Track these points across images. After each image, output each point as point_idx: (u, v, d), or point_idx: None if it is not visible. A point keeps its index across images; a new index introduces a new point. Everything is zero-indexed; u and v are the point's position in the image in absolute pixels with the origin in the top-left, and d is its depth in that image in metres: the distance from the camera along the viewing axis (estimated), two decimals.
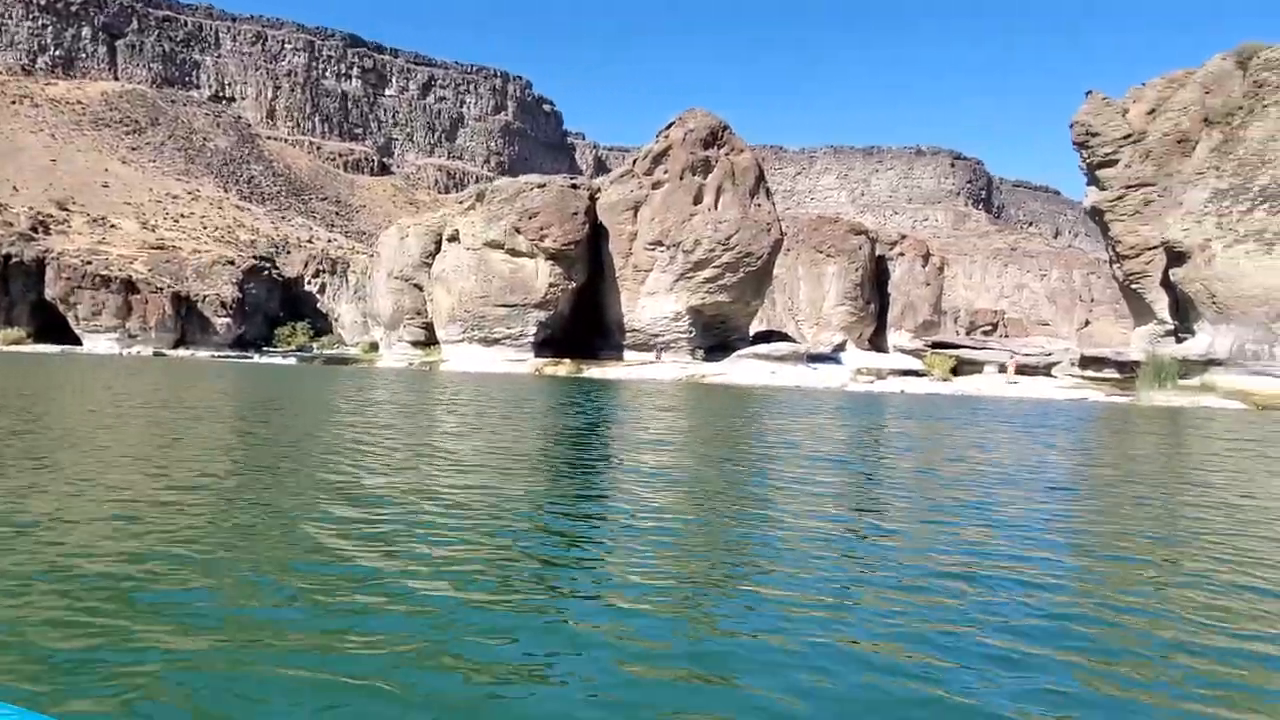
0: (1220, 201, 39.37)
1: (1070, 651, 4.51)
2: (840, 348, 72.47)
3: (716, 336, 56.99)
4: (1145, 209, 42.81)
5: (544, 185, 55.74)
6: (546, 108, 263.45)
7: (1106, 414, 29.00)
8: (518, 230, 54.28)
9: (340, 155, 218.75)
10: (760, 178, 56.83)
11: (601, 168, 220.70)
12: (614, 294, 56.95)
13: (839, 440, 16.38)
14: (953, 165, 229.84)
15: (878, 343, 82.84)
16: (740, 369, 49.66)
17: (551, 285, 54.61)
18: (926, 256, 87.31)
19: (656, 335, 55.75)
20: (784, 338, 64.01)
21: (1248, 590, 5.78)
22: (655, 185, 55.30)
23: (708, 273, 53.86)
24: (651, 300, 55.49)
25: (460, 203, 61.28)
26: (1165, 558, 6.80)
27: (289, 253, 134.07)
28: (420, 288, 61.64)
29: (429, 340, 61.19)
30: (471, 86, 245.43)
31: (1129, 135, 43.22)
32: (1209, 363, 38.66)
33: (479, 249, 55.72)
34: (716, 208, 54.13)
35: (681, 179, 54.17)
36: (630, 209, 55.87)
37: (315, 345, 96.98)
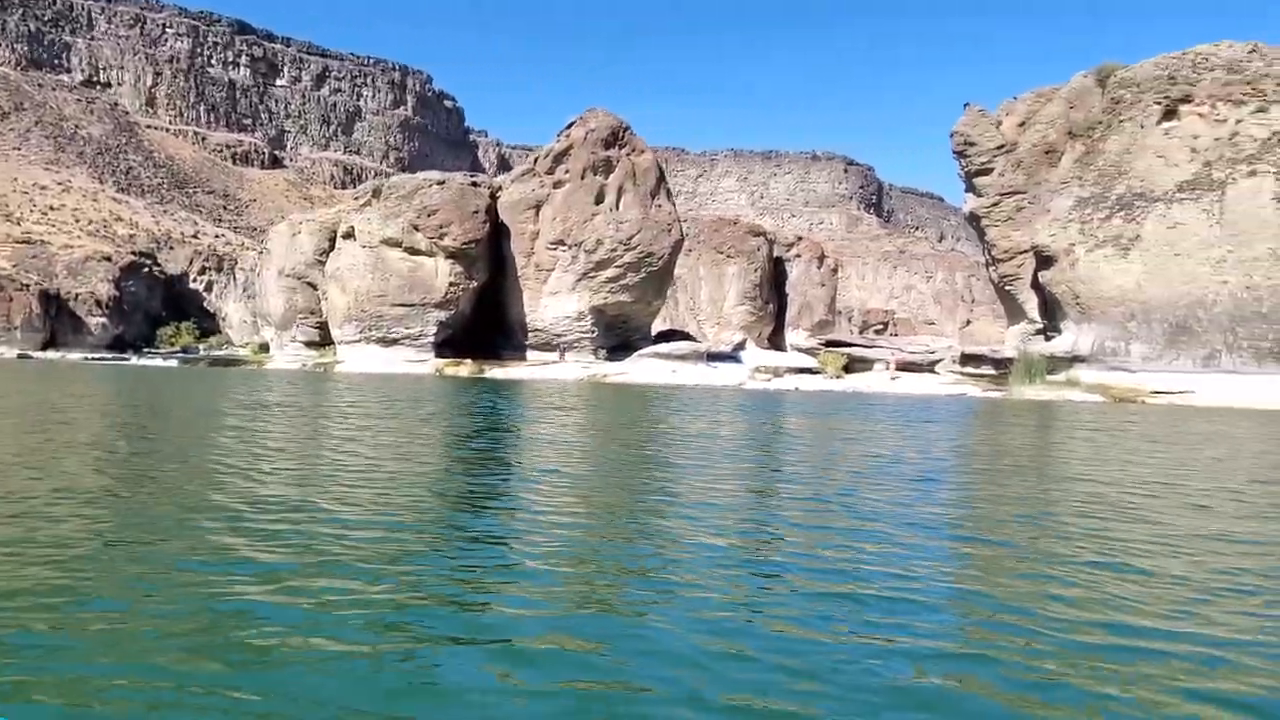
0: (1083, 209, 42.40)
1: (948, 624, 4.94)
2: (740, 346, 74.19)
3: (619, 336, 57.42)
4: (1017, 215, 45.64)
5: (443, 182, 54.86)
6: (448, 104, 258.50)
7: (981, 408, 30.88)
8: (416, 228, 53.23)
9: (228, 147, 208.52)
10: (661, 178, 57.59)
11: (505, 166, 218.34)
12: (516, 293, 56.60)
13: (726, 437, 16.93)
14: (845, 171, 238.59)
15: (776, 341, 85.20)
16: (641, 368, 50.23)
17: (452, 284, 53.81)
18: (822, 258, 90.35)
19: (559, 335, 55.73)
20: (686, 337, 65.06)
21: (1104, 568, 6.38)
22: (557, 184, 55.27)
23: (610, 272, 54.21)
24: (554, 300, 55.43)
25: (356, 199, 59.64)
26: (1030, 537, 7.44)
27: (172, 249, 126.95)
28: (314, 286, 59.60)
29: (324, 341, 59.25)
30: (368, 79, 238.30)
31: (1002, 146, 46.00)
32: (1073, 359, 41.56)
33: (376, 247, 54.34)
34: (618, 208, 54.55)
35: (583, 178, 54.33)
36: (532, 208, 55.65)
37: (201, 346, 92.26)
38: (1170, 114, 41.15)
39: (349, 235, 56.01)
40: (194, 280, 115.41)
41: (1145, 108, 41.85)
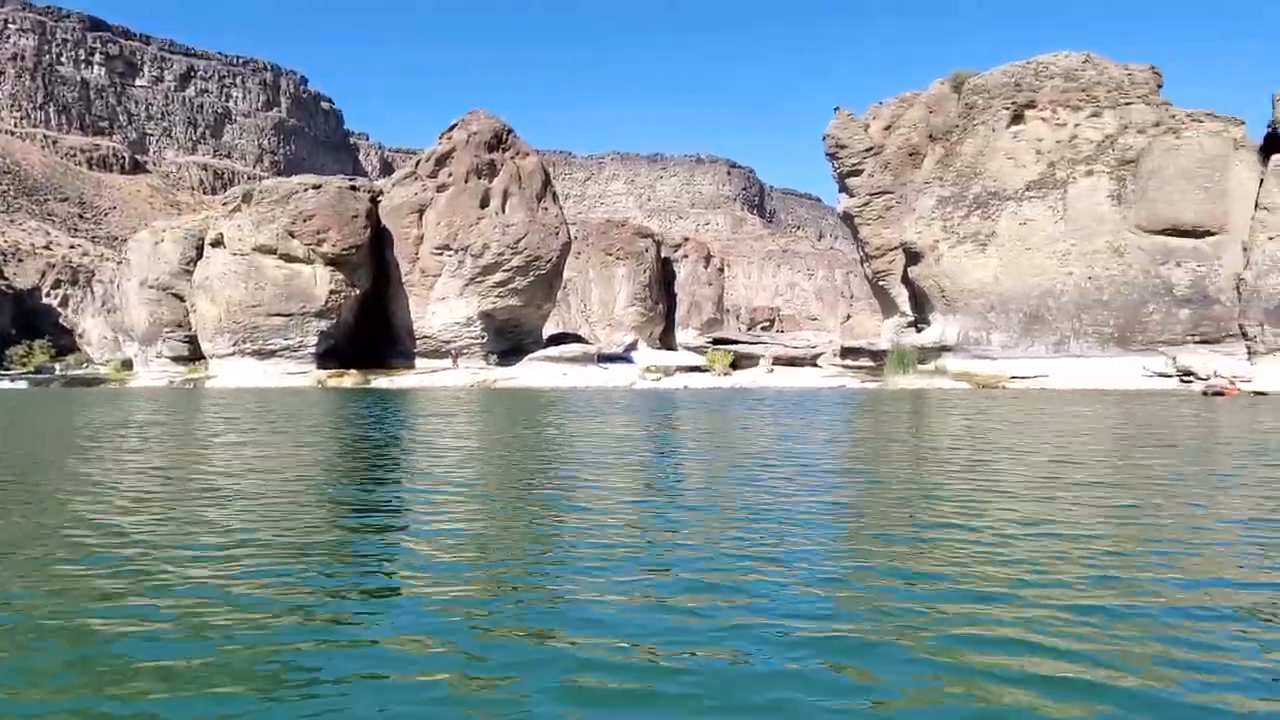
0: (944, 207, 45.09)
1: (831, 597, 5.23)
2: (632, 347, 74.86)
3: (510, 340, 56.90)
4: (887, 214, 48.08)
5: (319, 186, 52.89)
6: (325, 105, 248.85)
7: (859, 398, 32.35)
8: (292, 234, 51.12)
9: (83, 151, 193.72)
10: (547, 181, 57.43)
11: (388, 170, 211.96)
12: (402, 300, 55.20)
13: (608, 439, 17.13)
14: (729, 173, 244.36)
15: (668, 341, 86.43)
16: (532, 372, 49.98)
17: (333, 292, 51.93)
18: (708, 258, 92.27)
19: (448, 341, 54.73)
20: (577, 339, 65.12)
21: (965, 528, 6.89)
22: (440, 188, 54.26)
23: (498, 276, 53.64)
24: (442, 306, 54.38)
25: (225, 204, 56.70)
26: (908, 513, 7.92)
27: (21, 261, 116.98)
28: (181, 297, 56.30)
29: (194, 355, 56.05)
30: (238, 79, 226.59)
31: (870, 148, 48.35)
32: (941, 349, 44.11)
33: (248, 254, 51.83)
34: (504, 211, 54.05)
35: (466, 182, 53.56)
36: (415, 212, 54.42)
37: (58, 365, 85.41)
38: (1018, 118, 44.30)
39: (218, 243, 53.21)
40: (47, 295, 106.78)
41: (995, 112, 44.90)
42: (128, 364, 62.05)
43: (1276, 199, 39.46)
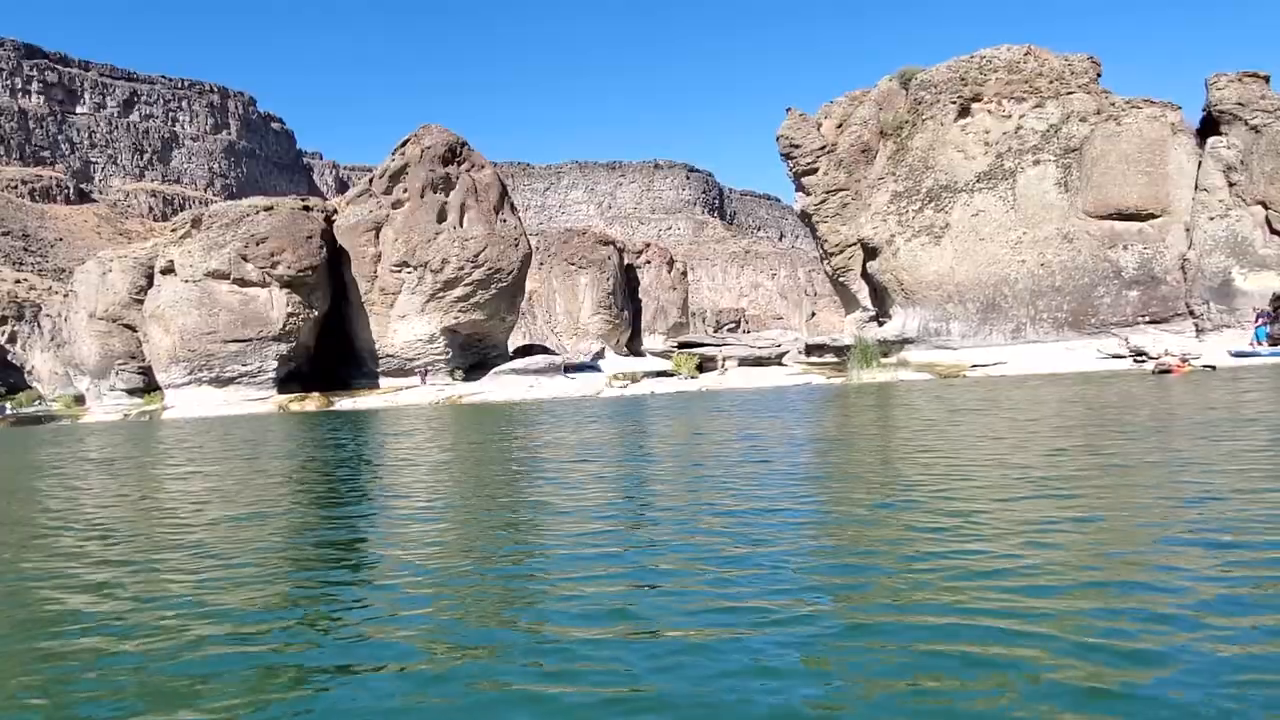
0: (899, 202, 45.70)
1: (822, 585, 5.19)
2: (600, 355, 74.82)
3: (475, 355, 56.48)
4: (843, 211, 48.58)
5: (271, 208, 52.08)
6: (275, 126, 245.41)
7: (824, 394, 32.58)
8: (245, 258, 50.23)
9: (24, 182, 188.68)
10: (504, 193, 57.18)
11: (344, 188, 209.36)
12: (362, 320, 54.54)
13: (572, 447, 17.03)
14: (688, 177, 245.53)
15: (635, 347, 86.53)
16: (499, 385, 49.64)
17: (290, 315, 51.10)
18: (671, 262, 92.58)
19: (412, 359, 54.16)
20: (544, 350, 64.85)
21: (939, 513, 6.91)
22: (396, 204, 53.74)
23: (459, 291, 53.23)
24: (403, 324, 53.82)
25: (174, 230, 55.54)
26: (874, 504, 7.92)
27: None
28: (132, 328, 55.02)
29: (149, 386, 54.78)
30: (184, 103, 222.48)
31: (824, 146, 48.85)
32: (903, 342, 44.64)
33: (200, 280, 50.82)
34: (462, 225, 53.68)
35: (423, 197, 53.11)
36: (371, 230, 53.82)
37: (8, 405, 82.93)
38: (964, 112, 45.10)
39: (168, 270, 52.09)
40: None
41: (943, 106, 45.65)
42: (80, 399, 60.48)
43: (1214, 180, 40.62)
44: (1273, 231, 39.69)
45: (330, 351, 55.86)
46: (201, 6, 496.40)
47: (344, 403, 48.28)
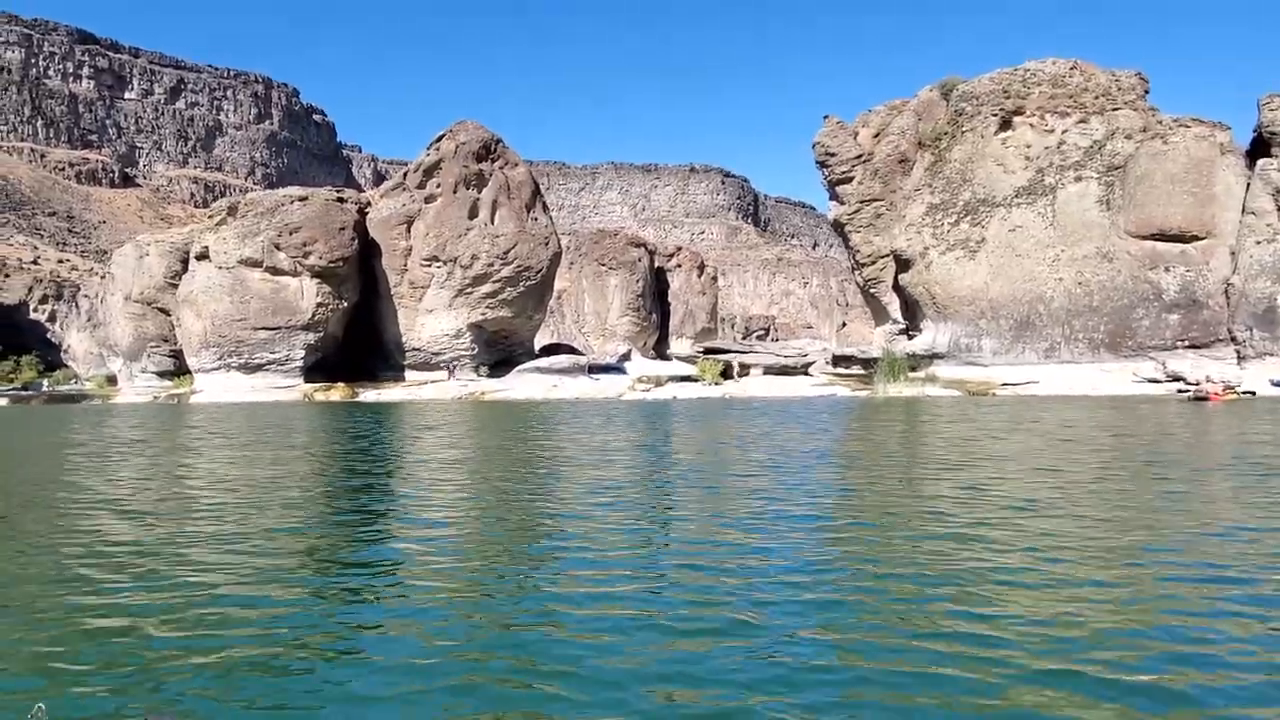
0: (934, 215, 44.94)
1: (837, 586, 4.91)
2: (626, 357, 74.57)
3: (501, 352, 56.54)
4: (877, 221, 47.90)
5: (306, 198, 52.55)
6: (317, 118, 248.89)
7: (849, 406, 32.04)
8: (278, 247, 50.74)
9: (71, 165, 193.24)
10: (536, 191, 57.20)
11: (382, 181, 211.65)
12: (391, 312, 54.84)
13: (584, 448, 16.80)
14: (723, 182, 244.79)
15: (661, 350, 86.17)
16: (522, 383, 49.63)
17: (320, 305, 51.52)
18: (701, 267, 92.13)
19: (438, 354, 54.34)
20: (570, 350, 64.81)
21: (965, 526, 6.56)
22: (429, 199, 53.98)
23: (487, 287, 53.32)
24: (431, 318, 54.02)
25: (211, 217, 56.31)
26: (895, 512, 7.60)
27: (8, 276, 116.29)
28: (166, 312, 55.84)
29: (179, 369, 55.56)
30: (229, 92, 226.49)
31: (860, 156, 48.20)
32: (932, 356, 43.88)
33: (234, 267, 51.43)
34: (493, 222, 53.78)
35: (455, 193, 53.29)
36: (403, 223, 54.11)
37: (45, 381, 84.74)
38: (1006, 125, 44.23)
39: (203, 256, 52.80)
40: (35, 310, 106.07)
41: (984, 119, 44.81)
42: (112, 379, 61.54)
43: (1263, 203, 39.41)
44: None
45: (358, 343, 56.23)
46: None
47: (368, 394, 48.55)
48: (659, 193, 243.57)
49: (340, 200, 54.28)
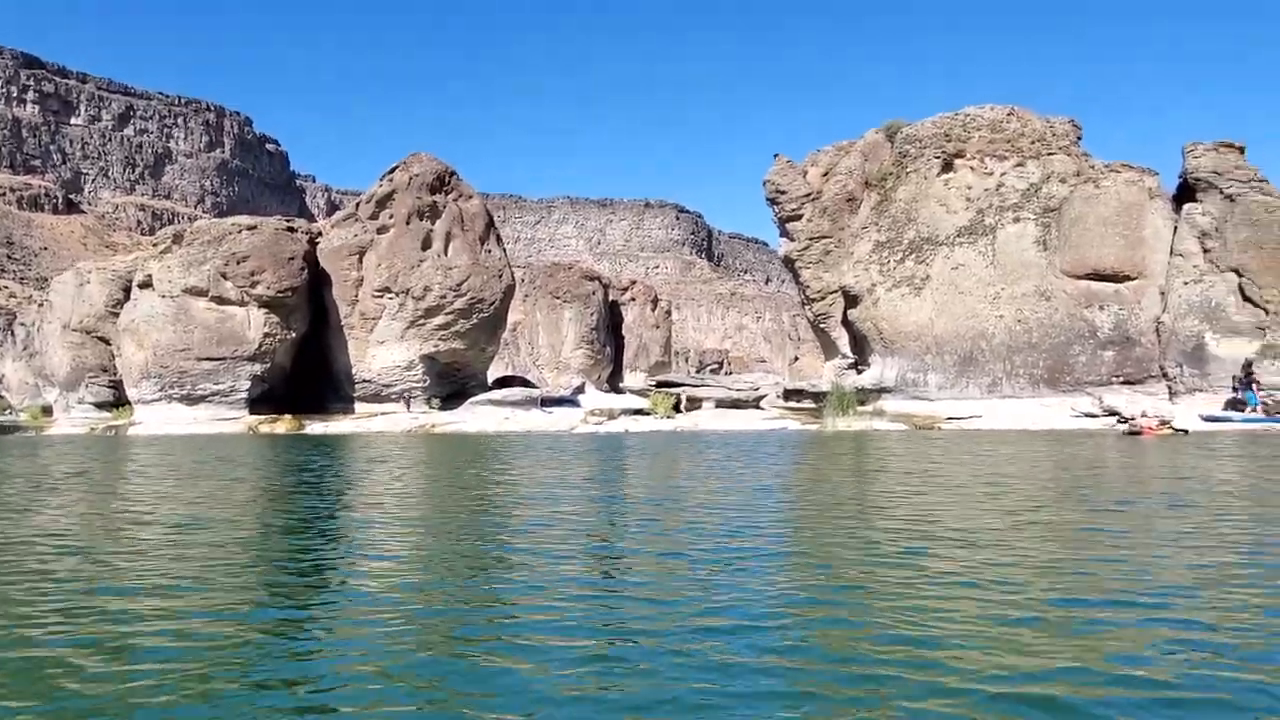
0: (880, 252, 46.11)
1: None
2: (580, 390, 74.39)
3: (454, 384, 56.02)
4: (826, 258, 48.93)
5: (254, 227, 51.83)
6: (270, 147, 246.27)
7: (797, 440, 32.43)
8: (225, 276, 49.83)
9: (12, 190, 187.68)
10: (490, 224, 57.26)
11: (335, 211, 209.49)
12: (341, 343, 54.06)
13: (528, 484, 16.76)
14: (677, 218, 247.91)
15: (615, 383, 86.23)
16: (474, 416, 49.22)
17: (267, 335, 50.58)
18: (655, 301, 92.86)
19: (389, 385, 53.63)
20: (522, 382, 64.48)
21: (898, 558, 6.70)
22: (381, 230, 53.65)
23: (440, 319, 52.95)
24: (382, 349, 53.37)
25: (156, 244, 55.13)
26: (836, 547, 7.72)
27: None
28: (106, 341, 54.28)
29: (119, 401, 53.87)
30: (179, 120, 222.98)
31: (809, 194, 49.35)
32: (880, 390, 44.70)
33: (178, 296, 50.31)
34: (446, 254, 53.59)
35: (408, 224, 53.07)
36: (355, 254, 53.63)
37: None
38: (948, 167, 45.78)
39: (146, 284, 51.57)
40: None
41: (927, 161, 46.34)
42: (47, 410, 59.36)
43: (1189, 245, 41.31)
44: (1245, 299, 40.28)
45: (307, 374, 55.24)
46: (203, 25, 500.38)
47: (315, 426, 47.65)
48: (614, 227, 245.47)
49: (290, 230, 53.65)
